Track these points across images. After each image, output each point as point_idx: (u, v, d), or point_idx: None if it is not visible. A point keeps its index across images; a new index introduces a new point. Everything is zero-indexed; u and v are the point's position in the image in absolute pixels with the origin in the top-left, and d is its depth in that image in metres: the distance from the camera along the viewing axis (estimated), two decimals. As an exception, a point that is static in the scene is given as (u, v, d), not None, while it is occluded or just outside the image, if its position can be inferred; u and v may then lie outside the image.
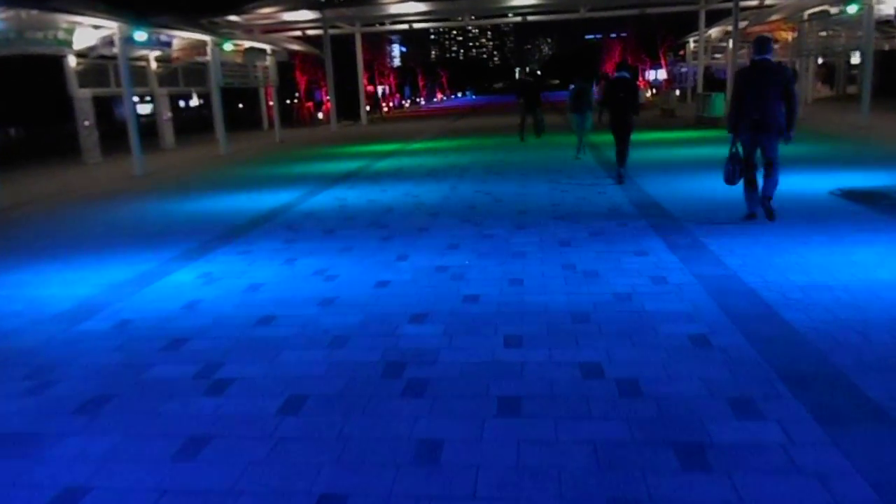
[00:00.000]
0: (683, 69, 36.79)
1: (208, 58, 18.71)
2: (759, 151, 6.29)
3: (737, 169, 6.35)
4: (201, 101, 39.90)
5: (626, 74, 9.69)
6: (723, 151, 7.12)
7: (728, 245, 5.60)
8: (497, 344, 3.74)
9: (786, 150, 6.60)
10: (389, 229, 7.04)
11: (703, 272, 4.91)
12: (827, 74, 31.97)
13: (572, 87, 12.70)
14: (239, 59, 20.77)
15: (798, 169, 9.26)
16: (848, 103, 22.43)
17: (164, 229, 7.68)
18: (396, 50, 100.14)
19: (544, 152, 13.58)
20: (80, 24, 13.63)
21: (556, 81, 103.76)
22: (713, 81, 26.05)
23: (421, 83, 63.80)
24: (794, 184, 8.15)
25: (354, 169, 12.67)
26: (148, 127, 20.80)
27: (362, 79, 30.42)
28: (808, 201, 7.32)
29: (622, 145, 9.28)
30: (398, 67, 74.46)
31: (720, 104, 17.00)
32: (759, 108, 6.04)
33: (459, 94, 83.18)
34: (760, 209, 6.44)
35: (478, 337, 3.87)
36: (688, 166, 10.51)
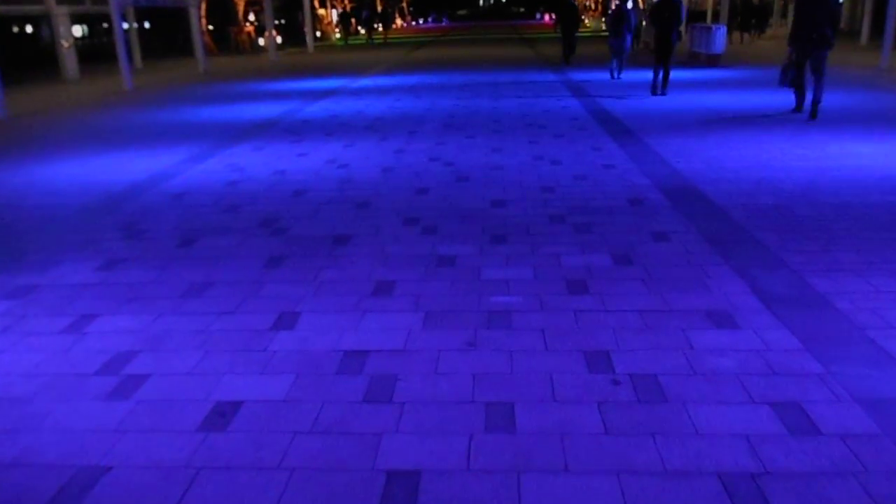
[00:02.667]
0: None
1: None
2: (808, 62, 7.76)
3: (790, 73, 7.99)
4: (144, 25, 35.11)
5: None
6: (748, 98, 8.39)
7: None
8: None
9: None
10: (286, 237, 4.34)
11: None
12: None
13: (611, 10, 13.52)
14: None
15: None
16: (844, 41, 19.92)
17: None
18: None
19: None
20: None
21: (522, 9, 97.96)
22: (692, 13, 23.36)
23: (380, 7, 58.39)
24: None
25: (273, 118, 9.65)
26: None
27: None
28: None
29: (664, 66, 10.08)
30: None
31: (721, 39, 14.23)
32: (814, 29, 7.62)
33: (421, 21, 77.39)
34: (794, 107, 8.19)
35: None
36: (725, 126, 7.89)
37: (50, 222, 4.90)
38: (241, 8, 29.05)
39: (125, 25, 36.08)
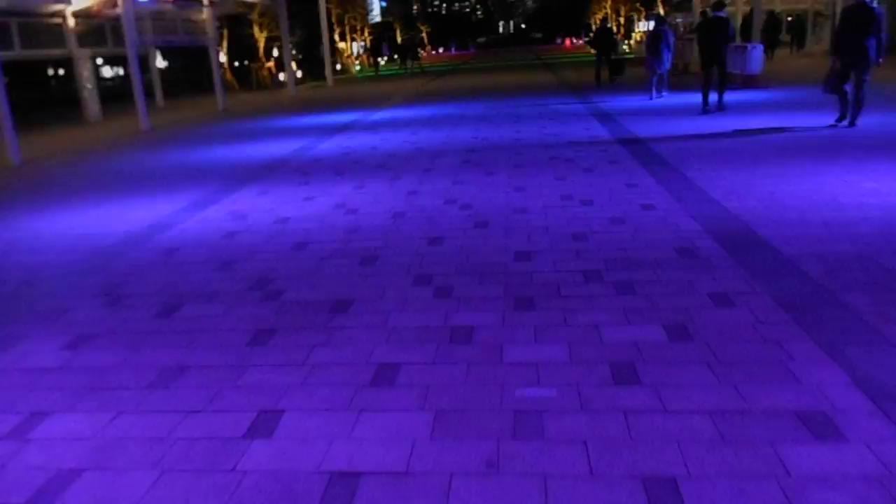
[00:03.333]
0: (679, 20, 32.95)
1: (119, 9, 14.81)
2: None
3: (832, 81, 8.04)
4: (167, 63, 35.72)
5: (723, 14, 10.25)
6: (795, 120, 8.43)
7: None
8: None
9: None
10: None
11: None
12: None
13: (650, 30, 13.65)
14: (167, 8, 16.86)
15: None
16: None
17: None
18: (376, 5, 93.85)
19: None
20: None
21: (539, 35, 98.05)
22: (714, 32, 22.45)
23: (399, 40, 58.96)
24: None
25: (284, 156, 9.21)
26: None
27: (327, 33, 26.35)
28: None
29: (720, 77, 10.23)
30: (375, 23, 69.18)
31: (759, 59, 13.51)
32: (854, 46, 7.73)
33: (441, 49, 77.97)
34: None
35: None
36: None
37: (26, 285, 4.40)
38: (262, 44, 29.25)
39: (157, 64, 36.68)
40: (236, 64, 33.15)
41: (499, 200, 5.75)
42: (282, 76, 25.18)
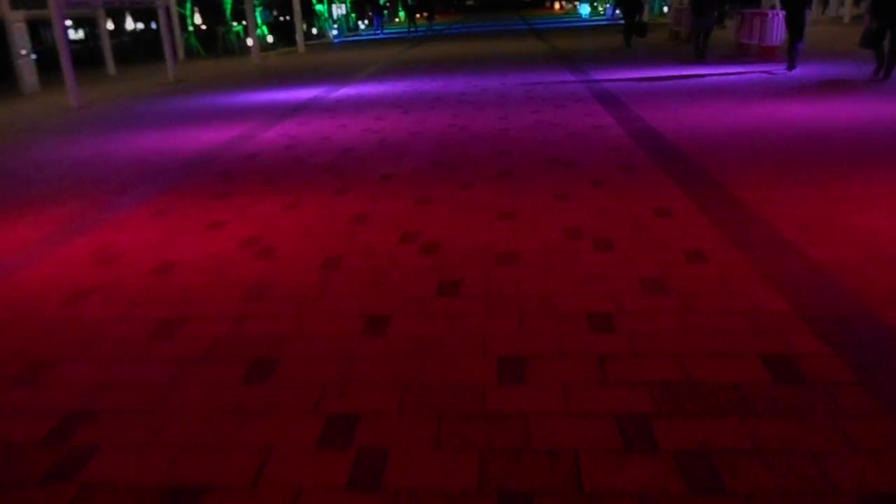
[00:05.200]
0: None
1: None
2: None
3: (869, 37, 8.95)
4: (141, 25, 32.96)
5: None
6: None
7: None
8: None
9: None
10: None
11: None
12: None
13: None
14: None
15: None
16: None
17: None
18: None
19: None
20: None
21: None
22: None
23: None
24: None
25: (207, 154, 7.37)
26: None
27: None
28: None
29: (797, 37, 10.21)
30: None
31: (779, 28, 11.64)
32: (891, 7, 8.58)
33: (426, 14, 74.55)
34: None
35: None
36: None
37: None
38: (229, 6, 26.66)
39: (127, 26, 33.64)
40: (204, 27, 30.56)
41: (477, 237, 4.02)
42: (249, 41, 22.86)
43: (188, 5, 26.70)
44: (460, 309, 3.05)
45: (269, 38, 27.36)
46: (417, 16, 32.41)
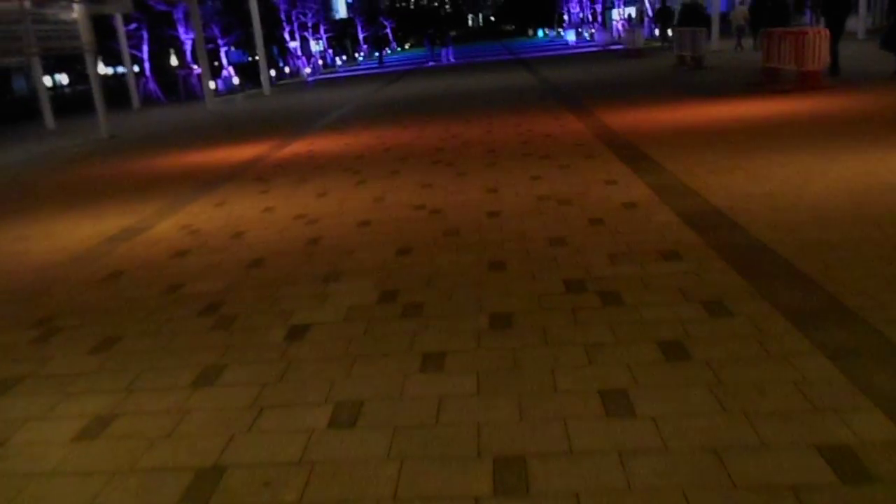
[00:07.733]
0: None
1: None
2: None
3: (888, 38, 10.23)
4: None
5: None
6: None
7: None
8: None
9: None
10: None
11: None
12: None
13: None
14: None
15: None
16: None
17: None
18: (341, 3, 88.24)
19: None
20: None
21: (512, 27, 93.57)
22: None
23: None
24: None
25: (74, 260, 5.04)
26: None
27: (261, 31, 21.97)
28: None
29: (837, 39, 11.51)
30: (338, 20, 64.31)
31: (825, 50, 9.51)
32: None
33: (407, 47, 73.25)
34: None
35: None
36: None
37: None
38: (189, 46, 24.63)
39: (47, 81, 31.57)
40: (154, 71, 28.50)
41: (469, 413, 2.27)
42: (212, 84, 20.76)
43: (145, 49, 24.69)
44: (460, 242, 4.57)
45: (236, 80, 25.34)
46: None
